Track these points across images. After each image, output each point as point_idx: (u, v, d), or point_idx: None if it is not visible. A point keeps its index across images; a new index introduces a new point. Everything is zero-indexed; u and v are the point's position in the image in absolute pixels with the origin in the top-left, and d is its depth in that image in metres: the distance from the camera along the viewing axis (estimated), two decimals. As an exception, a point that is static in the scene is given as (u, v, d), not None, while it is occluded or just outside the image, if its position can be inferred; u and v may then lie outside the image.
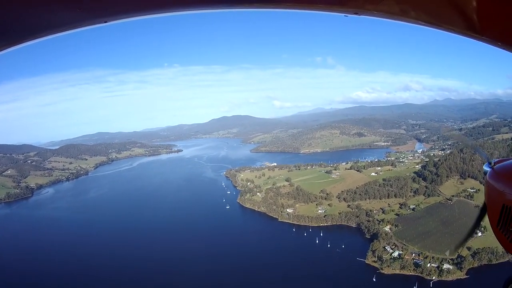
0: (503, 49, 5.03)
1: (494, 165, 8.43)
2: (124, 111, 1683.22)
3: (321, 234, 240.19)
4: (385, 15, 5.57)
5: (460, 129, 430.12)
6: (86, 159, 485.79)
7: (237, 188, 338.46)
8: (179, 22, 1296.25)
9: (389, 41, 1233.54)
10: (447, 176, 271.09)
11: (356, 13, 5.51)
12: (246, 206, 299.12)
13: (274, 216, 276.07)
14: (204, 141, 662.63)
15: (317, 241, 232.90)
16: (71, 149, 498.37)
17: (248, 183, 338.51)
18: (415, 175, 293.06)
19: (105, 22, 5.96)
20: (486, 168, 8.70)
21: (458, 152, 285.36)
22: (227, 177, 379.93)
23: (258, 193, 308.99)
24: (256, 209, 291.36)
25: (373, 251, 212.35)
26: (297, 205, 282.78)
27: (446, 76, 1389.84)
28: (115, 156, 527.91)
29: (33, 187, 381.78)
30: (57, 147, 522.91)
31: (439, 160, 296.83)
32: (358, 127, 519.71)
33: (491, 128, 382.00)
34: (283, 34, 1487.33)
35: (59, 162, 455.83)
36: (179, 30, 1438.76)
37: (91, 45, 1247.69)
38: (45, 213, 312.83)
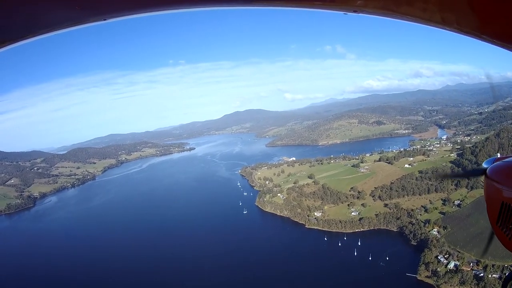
0: (504, 48, 5.18)
1: (494, 162, 8.22)
2: (135, 111, 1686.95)
3: (359, 243, 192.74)
4: (384, 13, 5.34)
5: (480, 113, 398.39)
6: (95, 163, 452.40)
7: (254, 188, 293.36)
8: (184, 19, 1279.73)
9: (395, 30, 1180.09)
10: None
11: (355, 11, 5.23)
12: (266, 210, 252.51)
13: (300, 222, 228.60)
14: (217, 138, 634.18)
15: (355, 253, 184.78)
16: (79, 153, 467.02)
17: (267, 182, 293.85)
18: (452, 165, 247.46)
19: (104, 19, 5.64)
20: (485, 165, 8.36)
21: (495, 137, 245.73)
22: (242, 175, 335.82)
23: (278, 194, 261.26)
24: (278, 214, 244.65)
25: (426, 264, 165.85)
26: (325, 207, 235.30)
27: (456, 61, 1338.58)
28: (125, 158, 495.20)
29: (36, 196, 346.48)
30: (65, 152, 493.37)
31: (476, 147, 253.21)
32: (376, 115, 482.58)
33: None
34: (291, 28, 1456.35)
35: (66, 167, 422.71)
36: (184, 28, 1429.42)
37: (98, 47, 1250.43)
38: (42, 226, 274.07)
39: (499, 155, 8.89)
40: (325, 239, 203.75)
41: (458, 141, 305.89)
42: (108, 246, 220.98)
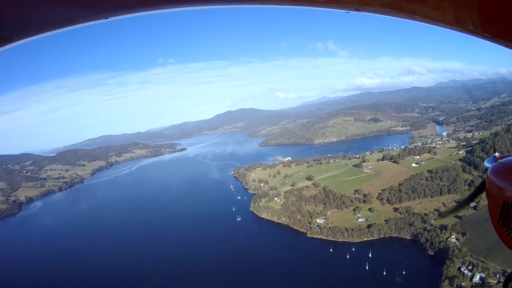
0: (507, 47, 5.36)
1: (496, 161, 7.87)
2: (127, 112, 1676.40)
3: (370, 255, 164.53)
4: (386, 11, 5.23)
5: (479, 109, 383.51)
6: (84, 165, 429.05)
7: (249, 191, 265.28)
8: (175, 19, 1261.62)
9: (387, 27, 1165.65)
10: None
11: (357, 10, 5.19)
12: (262, 216, 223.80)
13: (301, 230, 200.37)
14: (209, 138, 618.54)
15: (367, 267, 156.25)
16: (68, 155, 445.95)
17: (262, 184, 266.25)
18: (463, 163, 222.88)
19: (106, 18, 5.52)
20: (487, 164, 8.07)
21: (505, 133, 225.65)
22: (235, 177, 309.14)
23: (275, 198, 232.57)
24: (276, 220, 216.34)
25: (450, 279, 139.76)
26: (328, 213, 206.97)
27: (448, 58, 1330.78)
28: (115, 160, 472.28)
29: (22, 201, 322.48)
30: (54, 154, 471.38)
31: (486, 143, 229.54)
32: (371, 112, 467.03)
33: (511, 106, 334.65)
34: (282, 26, 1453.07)
35: (55, 170, 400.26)
36: (175, 28, 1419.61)
37: (89, 48, 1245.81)
38: (23, 234, 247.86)
39: (497, 154, 8.79)
40: (331, 250, 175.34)
41: (461, 137, 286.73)
42: (88, 257, 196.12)
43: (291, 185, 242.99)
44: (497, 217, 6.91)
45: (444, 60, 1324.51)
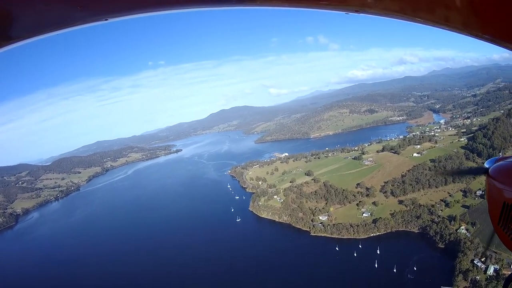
0: (507, 48, 5.41)
1: (495, 162, 7.97)
2: (121, 117, 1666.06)
3: (378, 251, 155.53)
4: (386, 13, 5.18)
5: (474, 96, 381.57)
6: (80, 172, 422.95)
7: (247, 190, 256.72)
8: (164, 21, 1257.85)
9: (379, 22, 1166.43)
10: (503, 148, 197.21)
11: (357, 11, 5.16)
12: (262, 216, 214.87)
13: (304, 229, 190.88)
14: (204, 137, 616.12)
15: (376, 264, 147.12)
16: (64, 163, 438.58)
17: (260, 183, 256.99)
18: (465, 150, 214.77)
19: (106, 20, 5.44)
20: (487, 165, 8.19)
21: (506, 117, 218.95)
22: (232, 176, 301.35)
23: (275, 196, 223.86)
24: (277, 220, 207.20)
25: (464, 273, 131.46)
26: (331, 209, 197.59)
27: (439, 46, 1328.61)
28: (110, 165, 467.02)
29: (18, 213, 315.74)
30: (50, 163, 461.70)
31: (488, 129, 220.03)
32: (367, 104, 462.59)
33: (507, 91, 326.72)
34: (271, 23, 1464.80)
35: (51, 179, 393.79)
36: (164, 30, 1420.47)
37: (79, 53, 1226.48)
38: (22, 246, 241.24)
39: (501, 154, 13.68)
40: (337, 248, 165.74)
41: (459, 124, 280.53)
42: (88, 264, 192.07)
43: (290, 182, 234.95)
44: (497, 218, 6.99)
45: (436, 49, 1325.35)
